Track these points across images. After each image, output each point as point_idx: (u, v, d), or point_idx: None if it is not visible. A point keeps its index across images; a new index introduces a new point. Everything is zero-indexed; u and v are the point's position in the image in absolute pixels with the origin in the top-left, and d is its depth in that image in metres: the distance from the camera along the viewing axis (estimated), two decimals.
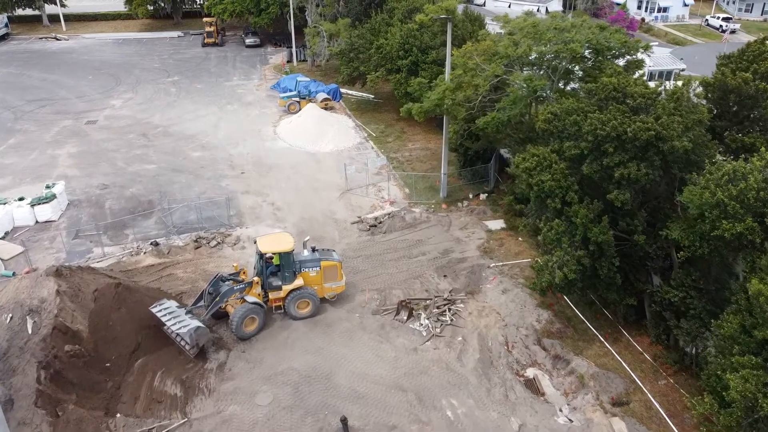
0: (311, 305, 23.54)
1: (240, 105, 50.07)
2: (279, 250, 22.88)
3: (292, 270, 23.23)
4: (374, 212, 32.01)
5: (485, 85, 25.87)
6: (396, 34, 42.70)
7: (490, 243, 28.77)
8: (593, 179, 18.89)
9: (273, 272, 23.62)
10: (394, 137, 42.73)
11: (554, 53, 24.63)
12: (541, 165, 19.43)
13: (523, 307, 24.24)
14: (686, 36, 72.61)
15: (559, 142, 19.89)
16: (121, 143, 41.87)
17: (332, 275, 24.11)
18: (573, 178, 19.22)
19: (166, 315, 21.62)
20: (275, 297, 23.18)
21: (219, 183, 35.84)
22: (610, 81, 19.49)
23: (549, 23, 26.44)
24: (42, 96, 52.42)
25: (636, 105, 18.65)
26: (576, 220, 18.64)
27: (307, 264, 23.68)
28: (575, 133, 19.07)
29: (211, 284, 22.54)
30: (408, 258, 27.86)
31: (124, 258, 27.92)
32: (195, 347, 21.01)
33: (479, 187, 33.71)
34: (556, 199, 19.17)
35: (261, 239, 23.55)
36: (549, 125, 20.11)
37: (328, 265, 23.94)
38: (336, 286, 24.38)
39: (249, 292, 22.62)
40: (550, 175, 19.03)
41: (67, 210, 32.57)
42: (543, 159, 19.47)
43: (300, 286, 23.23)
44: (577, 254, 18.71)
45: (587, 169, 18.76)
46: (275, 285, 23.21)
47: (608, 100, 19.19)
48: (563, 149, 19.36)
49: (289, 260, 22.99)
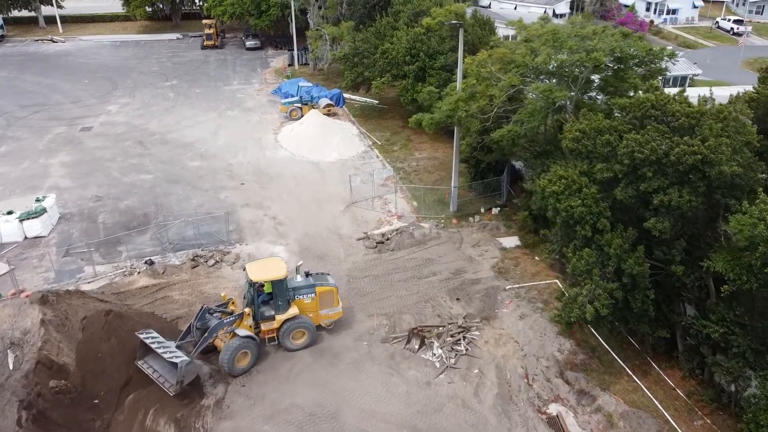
0: (307, 335, 21.83)
1: (240, 111, 48.48)
2: (271, 277, 20.96)
3: (286, 298, 21.38)
4: (381, 228, 30.40)
5: (501, 96, 24.24)
6: (402, 39, 41.10)
7: (504, 262, 27.15)
8: (627, 204, 17.28)
9: (265, 301, 21.66)
10: (400, 146, 41.13)
11: (576, 62, 23.00)
12: (569, 189, 17.81)
13: (542, 335, 22.63)
14: (697, 39, 70.99)
15: (588, 163, 18.28)
16: (116, 151, 40.28)
17: (328, 301, 22.39)
18: (605, 203, 17.60)
19: (155, 343, 19.88)
20: (268, 328, 21.29)
21: (218, 195, 34.23)
22: (648, 98, 17.89)
23: (569, 30, 24.83)
24: (36, 101, 50.83)
25: (678, 125, 17.04)
26: (609, 250, 17.05)
27: (302, 290, 21.87)
28: (607, 154, 17.46)
29: (198, 318, 20.49)
30: (418, 279, 26.25)
31: (116, 278, 26.31)
32: (179, 384, 19.06)
33: (491, 200, 32.09)
34: (587, 226, 17.55)
35: (251, 266, 21.52)
36: (577, 144, 18.50)
37: (323, 291, 22.20)
38: (333, 313, 22.66)
39: (240, 324, 20.71)
40: (580, 200, 17.42)
41: (58, 224, 30.96)
42: (572, 182, 17.86)
43: (295, 315, 21.43)
44: (609, 287, 17.11)
45: (621, 194, 17.16)
46: (268, 315, 21.26)
47: (646, 118, 17.58)
48: (594, 171, 17.75)
49: (282, 288, 21.16)
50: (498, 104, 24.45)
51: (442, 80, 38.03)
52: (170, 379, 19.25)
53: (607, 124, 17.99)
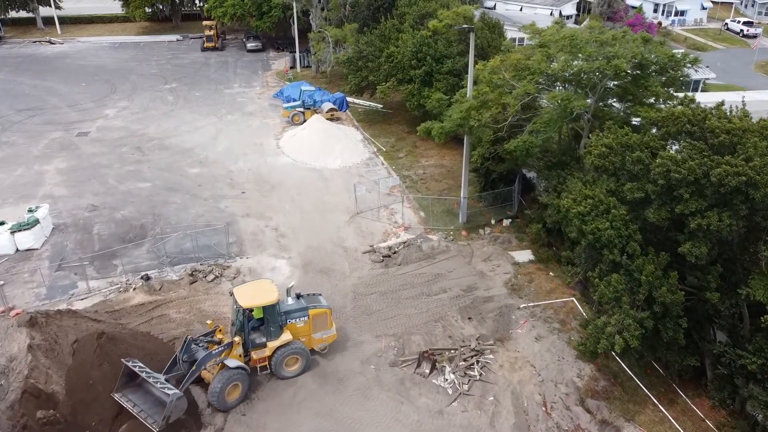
0: (301, 361, 20.47)
1: (241, 115, 47.26)
2: (263, 302, 19.41)
3: (278, 323, 20.01)
4: (388, 240, 29.18)
5: (516, 105, 23.00)
6: (408, 42, 39.86)
7: (518, 278, 25.91)
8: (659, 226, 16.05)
9: (255, 327, 20.19)
10: (406, 152, 39.88)
11: (595, 70, 21.75)
12: (596, 209, 16.56)
13: (560, 358, 21.39)
14: (706, 41, 69.70)
15: (615, 181, 17.03)
16: (113, 158, 39.08)
17: (322, 324, 21.05)
18: (634, 225, 16.36)
19: (144, 372, 18.44)
20: (259, 356, 19.81)
21: (218, 204, 33.01)
22: (683, 112, 16.63)
23: (588, 36, 23.58)
24: (32, 105, 49.64)
25: (718, 143, 15.77)
26: (640, 277, 15.81)
27: (294, 314, 20.45)
28: (638, 172, 16.21)
29: (183, 349, 18.82)
30: (427, 296, 25.02)
31: (111, 295, 25.08)
32: (165, 420, 17.47)
33: (501, 211, 30.84)
34: (615, 250, 16.30)
35: (239, 291, 19.89)
36: (604, 161, 17.24)
37: (317, 314, 20.82)
38: (327, 336, 21.33)
39: (229, 354, 19.25)
40: (608, 223, 16.18)
41: (52, 236, 29.75)
42: (599, 202, 16.61)
43: (288, 341, 20.05)
44: (639, 316, 15.89)
45: (654, 216, 15.92)
46: (259, 342, 19.79)
47: (681, 134, 16.35)
48: (623, 191, 16.49)
49: (274, 313, 19.75)
50: (512, 113, 23.19)
51: (449, 85, 36.82)
52: (154, 414, 17.82)
53: (637, 140, 16.74)
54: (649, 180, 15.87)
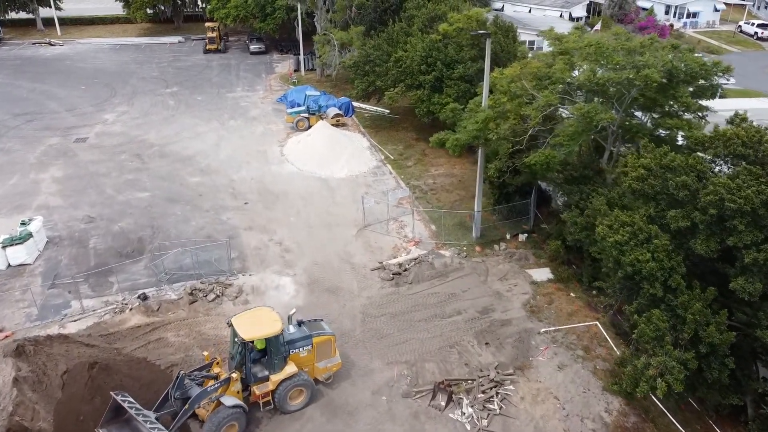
0: (306, 393, 19.05)
1: (244, 120, 45.89)
2: (266, 334, 17.93)
3: (282, 354, 18.52)
4: (398, 256, 27.74)
5: (537, 117, 21.54)
6: (417, 46, 38.41)
7: (537, 299, 24.46)
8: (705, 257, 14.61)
9: (256, 359, 18.64)
10: (415, 161, 38.44)
11: (624, 81, 20.27)
12: (635, 238, 15.11)
13: (586, 390, 19.93)
14: (720, 44, 68.10)
15: (654, 206, 15.57)
16: (111, 165, 37.73)
17: (326, 352, 19.60)
18: (678, 256, 14.90)
19: (133, 408, 16.99)
20: (262, 391, 18.31)
21: (219, 216, 31.61)
22: (737, 133, 15.16)
23: (615, 43, 22.10)
24: (30, 109, 48.34)
25: None
26: (686, 315, 14.36)
27: (298, 343, 18.94)
28: (683, 198, 14.76)
29: (176, 385, 17.26)
30: (441, 318, 23.57)
31: (106, 316, 23.69)
32: None
33: (517, 225, 29.36)
34: (657, 283, 14.86)
35: (239, 321, 18.26)
36: (642, 184, 15.78)
37: (321, 341, 19.37)
38: (331, 365, 19.87)
39: (226, 391, 17.74)
40: (649, 254, 14.73)
41: (46, 250, 28.40)
42: (638, 230, 15.16)
43: (293, 373, 18.56)
44: (684, 357, 14.44)
45: (702, 247, 14.47)
46: (261, 376, 18.32)
47: (735, 157, 14.90)
48: (664, 217, 15.04)
49: (277, 344, 18.27)
50: (533, 125, 21.74)
51: (460, 92, 35.38)
52: None
53: (681, 162, 15.26)
54: (696, 207, 14.42)
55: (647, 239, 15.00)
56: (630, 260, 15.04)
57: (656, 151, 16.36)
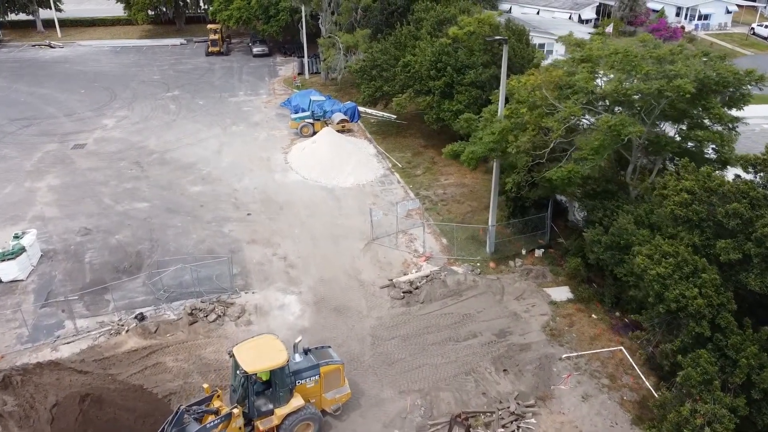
0: (314, 426, 17.74)
1: (246, 126, 44.62)
2: (271, 365, 16.66)
3: (287, 386, 17.20)
4: (408, 272, 26.41)
5: (560, 129, 20.19)
6: (426, 50, 37.06)
7: (556, 321, 23.10)
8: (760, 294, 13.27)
9: (260, 391, 17.31)
10: (424, 169, 37.09)
11: (654, 91, 18.91)
12: (680, 271, 13.76)
13: (614, 424, 18.56)
14: (733, 46, 66.56)
15: (699, 234, 14.22)
16: (110, 174, 36.50)
17: (334, 381, 18.29)
18: (728, 291, 13.56)
19: None
20: (267, 427, 16.96)
21: (221, 228, 30.33)
22: None
23: (643, 51, 20.73)
24: (28, 114, 47.19)
25: None
26: (737, 357, 13.04)
27: (304, 373, 17.64)
28: (735, 227, 13.42)
29: (173, 422, 15.88)
30: (455, 342, 22.23)
31: (101, 338, 22.40)
32: None
33: (533, 239, 28.00)
34: (704, 322, 13.52)
35: (241, 351, 16.93)
36: (686, 210, 14.42)
37: (329, 371, 18.07)
38: (340, 395, 18.54)
39: (227, 427, 16.41)
40: (696, 289, 13.39)
41: (39, 264, 27.16)
42: (683, 262, 13.81)
43: (300, 407, 17.25)
44: (735, 404, 13.10)
45: (756, 283, 13.15)
46: (265, 410, 17.04)
47: None
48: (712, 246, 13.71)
49: (282, 375, 16.96)
50: (555, 138, 20.39)
51: (471, 98, 34.05)
52: None
53: (731, 187, 13.92)
54: (750, 238, 13.09)
55: (693, 272, 13.66)
56: (674, 296, 13.67)
57: (699, 172, 15.03)
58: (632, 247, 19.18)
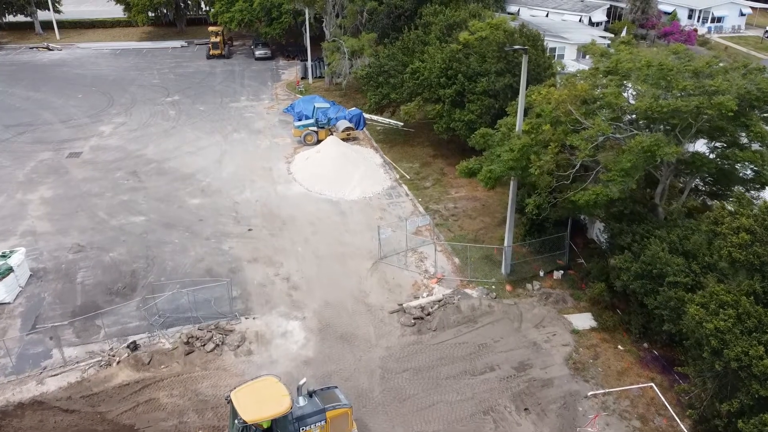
0: None
1: (248, 133, 43.07)
2: (272, 414, 15.20)
3: None
4: (419, 296, 24.82)
5: (587, 148, 18.56)
6: (435, 56, 35.45)
7: (580, 352, 21.47)
8: None
9: None
10: (433, 180, 35.48)
11: (694, 109, 17.29)
12: (741, 324, 12.17)
13: None
14: (748, 50, 64.78)
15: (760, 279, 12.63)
16: (105, 185, 34.97)
17: (341, 426, 16.77)
18: None
19: None
20: None
21: (220, 245, 28.76)
22: None
23: (678, 65, 19.09)
24: (23, 120, 45.73)
25: None
26: None
27: (309, 419, 16.14)
28: None
29: None
30: (471, 375, 20.62)
31: (90, 370, 20.84)
32: None
33: (551, 260, 26.38)
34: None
35: (239, 396, 15.53)
36: (746, 253, 12.82)
37: (336, 415, 16.56)
38: None
39: None
40: (762, 347, 11.81)
41: (28, 285, 25.65)
42: (744, 314, 12.22)
43: None
44: None
45: None
46: None
47: None
48: None
49: (285, 423, 15.48)
50: (582, 158, 18.77)
51: (484, 107, 32.46)
52: None
53: None
54: None
55: (757, 326, 12.08)
56: (736, 354, 12.10)
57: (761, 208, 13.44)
58: (666, 277, 17.60)
